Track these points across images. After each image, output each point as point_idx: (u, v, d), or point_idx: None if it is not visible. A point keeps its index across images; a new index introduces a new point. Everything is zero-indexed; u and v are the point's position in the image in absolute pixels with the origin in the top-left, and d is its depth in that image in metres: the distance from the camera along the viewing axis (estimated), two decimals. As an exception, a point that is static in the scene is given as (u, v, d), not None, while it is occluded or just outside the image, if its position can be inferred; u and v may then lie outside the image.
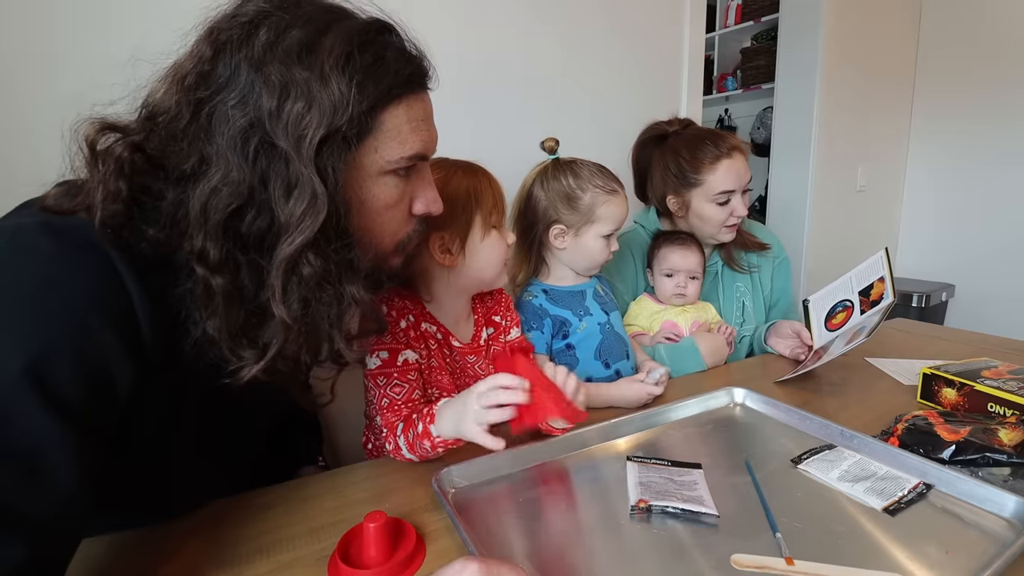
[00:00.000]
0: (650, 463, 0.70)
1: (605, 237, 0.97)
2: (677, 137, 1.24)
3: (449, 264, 0.78)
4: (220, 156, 0.47)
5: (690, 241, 1.21)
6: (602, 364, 1.01)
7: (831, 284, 1.04)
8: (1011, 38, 2.46)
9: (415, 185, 0.62)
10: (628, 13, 1.56)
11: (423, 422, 0.69)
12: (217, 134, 0.47)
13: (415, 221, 0.64)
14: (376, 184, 0.56)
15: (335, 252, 0.52)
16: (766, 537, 0.55)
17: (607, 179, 0.97)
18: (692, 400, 0.87)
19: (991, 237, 2.60)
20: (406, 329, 0.77)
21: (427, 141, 0.59)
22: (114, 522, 0.60)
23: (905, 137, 2.85)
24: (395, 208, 0.59)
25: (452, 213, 0.74)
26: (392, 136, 0.55)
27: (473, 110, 1.30)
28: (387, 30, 0.55)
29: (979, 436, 0.67)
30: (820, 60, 2.29)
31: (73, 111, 0.49)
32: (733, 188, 1.18)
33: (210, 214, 0.47)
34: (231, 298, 0.49)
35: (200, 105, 0.48)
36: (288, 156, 0.47)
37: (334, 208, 0.50)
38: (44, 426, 0.40)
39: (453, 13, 1.25)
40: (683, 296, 1.19)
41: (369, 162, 0.54)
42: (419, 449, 0.70)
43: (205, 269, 0.48)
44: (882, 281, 0.95)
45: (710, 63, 3.44)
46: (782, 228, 2.47)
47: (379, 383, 0.75)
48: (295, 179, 0.48)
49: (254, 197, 0.48)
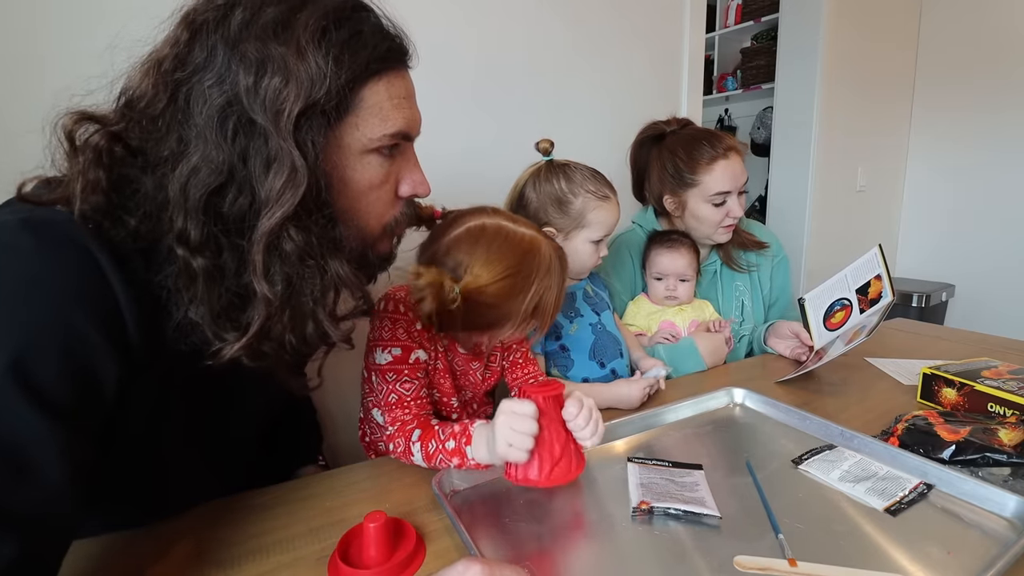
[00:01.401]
0: (651, 464, 0.70)
1: (595, 242, 0.97)
2: (674, 137, 1.24)
3: None
4: (199, 136, 0.47)
5: (680, 243, 1.21)
6: (597, 364, 1.01)
7: (826, 282, 1.04)
8: (1011, 38, 2.46)
9: (400, 166, 0.61)
10: (628, 13, 1.56)
11: (454, 439, 0.66)
12: (195, 114, 0.47)
13: (402, 204, 0.63)
14: (359, 163, 0.56)
15: (317, 227, 0.51)
16: (768, 538, 0.55)
17: (600, 184, 0.96)
18: (692, 400, 0.87)
19: (991, 237, 2.60)
20: (422, 330, 0.76)
21: (410, 119, 0.58)
22: (111, 522, 0.60)
23: (905, 137, 2.85)
24: (380, 189, 0.58)
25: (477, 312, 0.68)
26: (373, 113, 0.54)
27: (472, 109, 1.30)
28: (363, 8, 0.55)
29: (979, 436, 0.67)
30: (820, 60, 2.29)
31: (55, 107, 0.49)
32: (729, 189, 1.18)
33: (190, 194, 0.47)
34: (212, 278, 0.49)
35: (178, 87, 0.48)
36: (267, 131, 0.47)
37: (314, 181, 0.49)
38: (29, 423, 0.40)
39: (452, 12, 1.25)
40: (674, 299, 1.19)
41: (351, 140, 0.54)
42: (439, 462, 0.68)
43: (186, 250, 0.47)
44: (879, 279, 0.95)
45: (710, 63, 3.43)
46: (782, 228, 2.47)
47: (388, 379, 0.74)
48: (274, 154, 0.48)
49: (234, 175, 0.48)
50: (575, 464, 0.63)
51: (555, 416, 0.62)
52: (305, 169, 0.48)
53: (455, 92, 1.26)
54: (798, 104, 2.40)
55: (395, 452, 0.72)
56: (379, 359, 0.75)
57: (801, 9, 2.33)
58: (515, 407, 0.60)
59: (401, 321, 0.75)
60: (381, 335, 0.75)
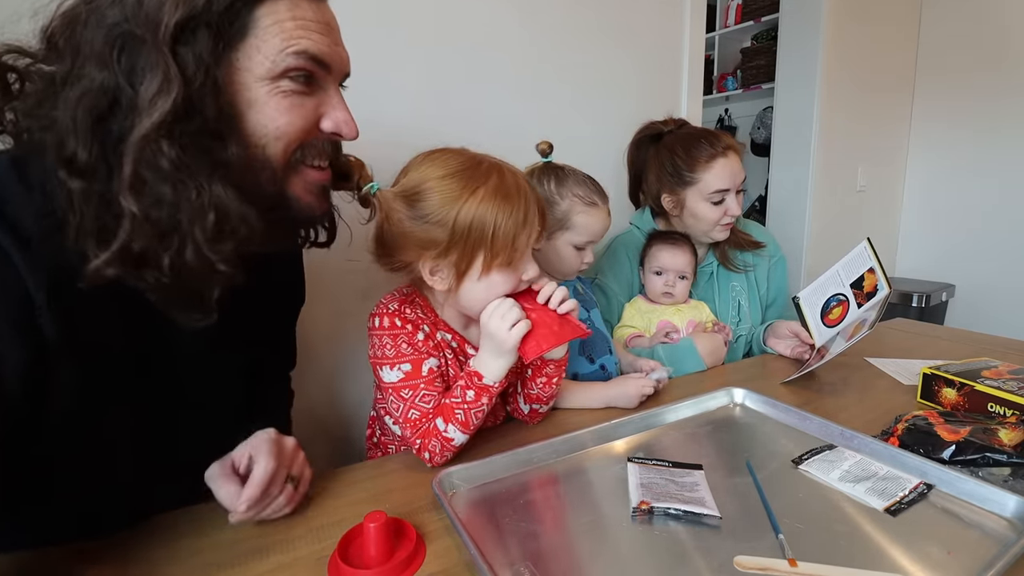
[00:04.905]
0: (651, 464, 0.70)
1: (577, 247, 0.97)
2: (672, 136, 1.25)
3: (440, 289, 0.73)
4: (89, 57, 0.47)
5: (682, 241, 1.22)
6: (586, 359, 1.02)
7: (818, 279, 1.04)
8: (1011, 38, 2.46)
9: (321, 100, 0.58)
10: (628, 12, 1.56)
11: (471, 389, 0.70)
12: (89, 38, 0.47)
13: (321, 141, 0.60)
14: (265, 88, 0.53)
15: (195, 143, 0.49)
16: (768, 538, 0.55)
17: (589, 191, 0.96)
18: (691, 400, 0.87)
19: (991, 237, 2.60)
20: (424, 340, 0.74)
21: (321, 45, 0.55)
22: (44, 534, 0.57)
23: (905, 137, 2.85)
24: (290, 115, 0.55)
25: (453, 244, 0.68)
26: (273, 33, 0.52)
27: (470, 109, 1.30)
28: None
29: (979, 436, 0.67)
30: (820, 60, 2.29)
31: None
32: (728, 187, 1.18)
33: (79, 116, 0.46)
34: (88, 198, 0.48)
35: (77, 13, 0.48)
36: (146, 44, 0.47)
37: (191, 92, 0.48)
38: None
39: (449, 12, 1.25)
40: (671, 295, 1.20)
41: (253, 64, 0.52)
42: (475, 417, 0.70)
43: (67, 174, 0.47)
44: (872, 272, 0.95)
45: (710, 63, 3.43)
46: (782, 228, 2.47)
47: (404, 396, 0.72)
48: (150, 64, 0.47)
49: (120, 96, 0.47)
50: (577, 325, 0.73)
51: (536, 304, 0.73)
52: (180, 78, 0.47)
53: (455, 91, 1.26)
54: (798, 104, 2.39)
55: (432, 459, 0.71)
56: (389, 378, 0.72)
57: (801, 9, 2.33)
58: (489, 308, 0.70)
59: (401, 335, 0.73)
60: (384, 353, 0.73)
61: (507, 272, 0.71)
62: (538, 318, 0.72)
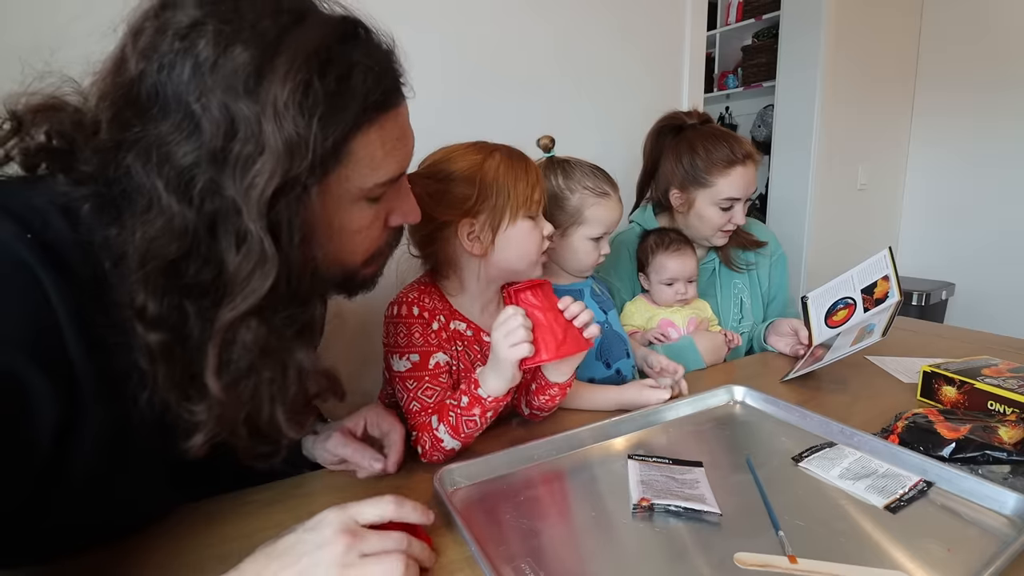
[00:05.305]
0: (651, 461, 0.70)
1: (594, 240, 0.95)
2: (694, 131, 1.21)
3: (479, 253, 0.76)
4: (162, 195, 0.40)
5: (684, 245, 1.19)
6: (603, 364, 1.00)
7: (831, 281, 1.04)
8: (1011, 38, 2.46)
9: (391, 199, 0.57)
10: (629, 11, 1.55)
11: (466, 395, 0.69)
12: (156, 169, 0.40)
13: (390, 232, 0.60)
14: (348, 210, 0.51)
15: (283, 321, 0.46)
16: (768, 535, 0.55)
17: (599, 181, 0.95)
18: (692, 398, 0.87)
19: (991, 235, 2.60)
20: (438, 331, 0.75)
21: (402, 159, 0.54)
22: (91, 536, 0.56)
23: (906, 135, 2.85)
24: (369, 228, 0.55)
25: (483, 198, 0.73)
26: (364, 164, 0.49)
27: (472, 108, 1.29)
28: (351, 35, 0.47)
29: (979, 434, 0.68)
30: (821, 58, 2.29)
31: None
32: (739, 196, 1.17)
33: (149, 262, 0.41)
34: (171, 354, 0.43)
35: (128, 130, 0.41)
36: (237, 206, 0.41)
37: (285, 270, 0.44)
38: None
39: (451, 11, 1.25)
40: (685, 301, 1.19)
41: (340, 191, 0.49)
42: (465, 426, 0.69)
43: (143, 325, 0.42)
44: (886, 280, 0.95)
45: (711, 61, 3.43)
46: (782, 226, 2.47)
47: (408, 386, 0.73)
48: (243, 234, 0.41)
49: (199, 244, 0.42)
50: (582, 339, 0.70)
51: (549, 305, 0.69)
52: (276, 259, 0.42)
53: (456, 90, 1.26)
54: (799, 102, 2.39)
55: (424, 453, 0.71)
56: (398, 366, 0.74)
57: (802, 7, 2.33)
58: (499, 318, 0.67)
59: (416, 325, 0.74)
60: (397, 341, 0.74)
61: (531, 224, 0.77)
62: (546, 324, 0.68)
